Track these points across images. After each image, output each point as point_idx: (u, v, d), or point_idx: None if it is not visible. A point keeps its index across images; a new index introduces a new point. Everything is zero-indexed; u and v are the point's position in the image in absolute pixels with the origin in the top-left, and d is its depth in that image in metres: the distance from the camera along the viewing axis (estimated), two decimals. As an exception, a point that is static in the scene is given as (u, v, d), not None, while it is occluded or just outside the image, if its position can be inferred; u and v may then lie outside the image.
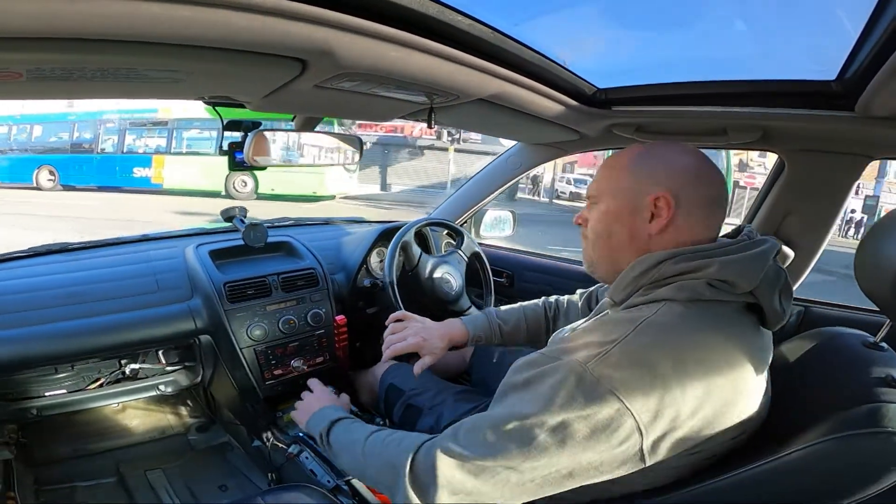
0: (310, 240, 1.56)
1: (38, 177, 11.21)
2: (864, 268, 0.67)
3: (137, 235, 1.54)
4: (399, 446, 0.73)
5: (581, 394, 0.59)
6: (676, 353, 0.60)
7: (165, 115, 10.80)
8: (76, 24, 0.44)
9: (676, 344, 0.61)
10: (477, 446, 0.64)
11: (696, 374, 0.59)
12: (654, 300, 0.66)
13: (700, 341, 0.62)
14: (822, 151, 1.04)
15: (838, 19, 0.72)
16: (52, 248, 1.39)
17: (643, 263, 0.68)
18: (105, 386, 1.39)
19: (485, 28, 0.70)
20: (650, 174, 0.71)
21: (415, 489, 0.67)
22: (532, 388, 0.63)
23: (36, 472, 1.46)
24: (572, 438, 0.58)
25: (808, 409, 0.66)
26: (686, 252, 0.66)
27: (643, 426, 0.57)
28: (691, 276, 0.65)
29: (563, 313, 1.18)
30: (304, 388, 1.41)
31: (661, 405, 0.58)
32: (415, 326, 1.12)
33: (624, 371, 0.59)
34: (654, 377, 0.58)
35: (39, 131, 11.45)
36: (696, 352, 0.61)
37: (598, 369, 0.59)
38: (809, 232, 1.12)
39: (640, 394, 0.57)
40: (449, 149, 15.65)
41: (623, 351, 0.60)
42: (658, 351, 0.60)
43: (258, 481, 1.50)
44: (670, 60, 0.98)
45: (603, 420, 0.57)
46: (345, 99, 0.86)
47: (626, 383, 0.58)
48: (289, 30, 0.53)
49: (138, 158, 10.97)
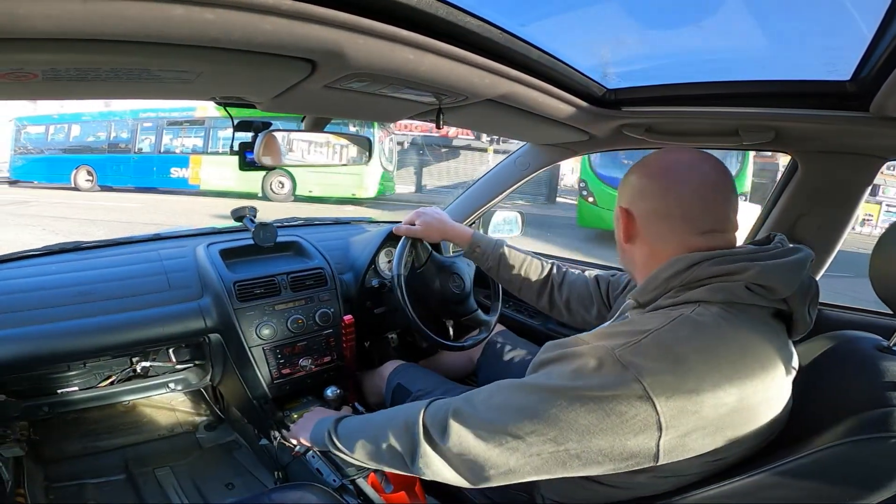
0: (319, 239, 1.57)
1: (77, 177, 11.18)
2: (879, 271, 0.67)
3: (149, 234, 1.56)
4: (410, 408, 0.75)
5: (604, 376, 0.57)
6: (711, 351, 0.58)
7: (202, 113, 10.44)
8: (91, 25, 0.44)
9: (712, 342, 0.59)
10: (489, 411, 0.65)
11: (729, 375, 0.58)
12: (687, 301, 0.65)
13: (736, 342, 0.61)
14: (837, 152, 1.02)
15: (852, 19, 0.71)
16: (65, 247, 1.41)
17: (676, 265, 0.67)
18: (116, 384, 1.40)
19: (494, 29, 0.70)
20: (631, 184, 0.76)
21: (428, 443, 0.69)
22: (555, 364, 0.63)
23: (46, 468, 1.48)
24: (586, 418, 0.57)
25: (820, 413, 0.65)
26: (725, 254, 0.65)
27: (664, 421, 0.55)
28: (729, 278, 0.63)
29: (568, 284, 1.18)
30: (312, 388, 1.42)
31: (688, 403, 0.56)
32: (425, 217, 1.33)
33: (653, 361, 0.57)
34: (685, 372, 0.57)
35: (77, 131, 11.42)
36: (730, 353, 0.59)
37: (626, 356, 0.58)
38: (823, 234, 1.10)
39: (667, 387, 0.56)
40: (488, 149, 15.11)
41: (655, 341, 0.59)
42: (692, 346, 0.58)
43: (265, 480, 1.51)
44: (682, 60, 0.97)
45: (622, 406, 0.56)
46: (354, 99, 0.86)
47: (653, 373, 0.56)
48: (298, 31, 0.53)
49: (175, 159, 10.69)
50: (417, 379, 1.33)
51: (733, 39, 0.87)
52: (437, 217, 1.33)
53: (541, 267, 1.22)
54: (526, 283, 1.22)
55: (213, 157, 10.44)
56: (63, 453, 1.55)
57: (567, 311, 1.17)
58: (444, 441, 0.67)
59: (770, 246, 0.68)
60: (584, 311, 1.14)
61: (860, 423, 0.59)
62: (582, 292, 1.15)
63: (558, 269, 1.22)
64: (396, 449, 0.74)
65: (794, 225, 1.13)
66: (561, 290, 1.18)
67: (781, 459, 0.60)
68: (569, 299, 1.17)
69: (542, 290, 1.21)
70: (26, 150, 11.70)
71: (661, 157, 0.74)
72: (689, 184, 0.69)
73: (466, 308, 1.46)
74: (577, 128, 1.18)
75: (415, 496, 1.12)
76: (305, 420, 1.08)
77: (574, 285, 1.17)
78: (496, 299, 1.53)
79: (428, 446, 0.69)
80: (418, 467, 0.70)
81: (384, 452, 0.76)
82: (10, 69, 0.54)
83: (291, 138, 1.09)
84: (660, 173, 0.72)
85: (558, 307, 1.19)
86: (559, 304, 1.18)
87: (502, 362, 1.42)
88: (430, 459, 0.69)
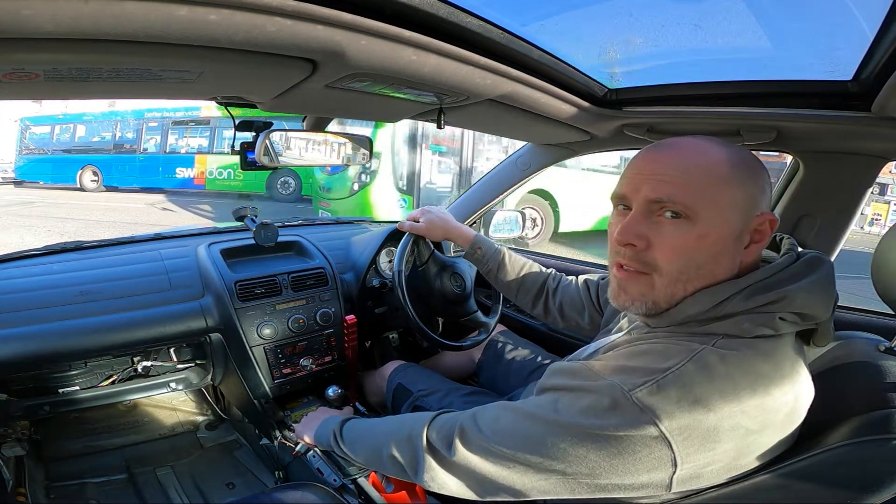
0: (320, 239, 1.57)
1: (82, 177, 11.12)
2: (881, 271, 0.67)
3: (150, 234, 1.56)
4: (415, 419, 0.74)
5: (619, 417, 0.53)
6: (734, 389, 0.54)
7: (207, 113, 10.26)
8: (94, 25, 0.44)
9: (736, 378, 0.54)
10: (495, 435, 0.63)
11: (752, 409, 0.54)
12: (711, 333, 0.59)
13: (763, 376, 0.55)
14: (838, 153, 1.02)
15: (854, 19, 0.71)
16: (67, 247, 1.41)
17: (709, 299, 0.59)
18: (117, 383, 1.40)
19: (495, 29, 0.70)
20: (762, 187, 0.61)
21: (433, 457, 0.68)
22: (565, 395, 0.59)
23: (47, 468, 1.48)
24: (597, 454, 0.55)
25: (821, 415, 0.65)
26: (758, 284, 0.58)
27: (679, 458, 0.52)
28: (761, 310, 0.57)
29: (561, 290, 1.18)
30: (312, 388, 1.42)
31: (706, 441, 0.52)
32: (429, 215, 1.33)
33: (673, 404, 0.52)
34: (705, 412, 0.52)
35: (83, 131, 11.37)
36: (756, 386, 0.54)
37: (643, 397, 0.53)
38: (825, 234, 1.10)
39: (684, 428, 0.52)
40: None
41: (675, 382, 0.54)
42: (715, 385, 0.53)
43: (265, 479, 1.51)
44: (683, 60, 0.97)
45: (636, 446, 0.53)
46: (355, 99, 0.86)
47: (671, 416, 0.52)
48: (301, 31, 0.53)
49: (181, 158, 10.57)
50: (418, 379, 1.33)
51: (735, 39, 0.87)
52: (440, 216, 1.33)
53: (538, 275, 1.22)
54: (523, 289, 1.22)
55: (218, 157, 10.37)
56: (64, 453, 1.56)
57: (561, 316, 1.17)
58: (449, 458, 0.66)
59: (785, 259, 0.62)
60: (577, 316, 1.13)
61: (861, 424, 0.58)
62: (574, 297, 1.15)
63: (554, 276, 1.22)
64: (399, 460, 0.74)
65: (795, 225, 1.13)
66: (555, 296, 1.18)
67: (783, 461, 0.59)
68: (562, 305, 1.16)
69: (537, 298, 1.20)
70: (31, 150, 11.67)
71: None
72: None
73: (466, 308, 1.46)
74: (579, 128, 1.18)
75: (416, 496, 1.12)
76: (310, 419, 1.08)
77: (566, 291, 1.17)
78: (496, 301, 1.53)
79: (433, 461, 0.68)
80: (423, 480, 0.70)
81: (387, 461, 0.76)
82: (12, 69, 0.54)
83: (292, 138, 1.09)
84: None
85: (553, 314, 1.18)
86: (553, 311, 1.18)
87: (503, 362, 1.41)
88: (435, 474, 0.68)
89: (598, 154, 1.19)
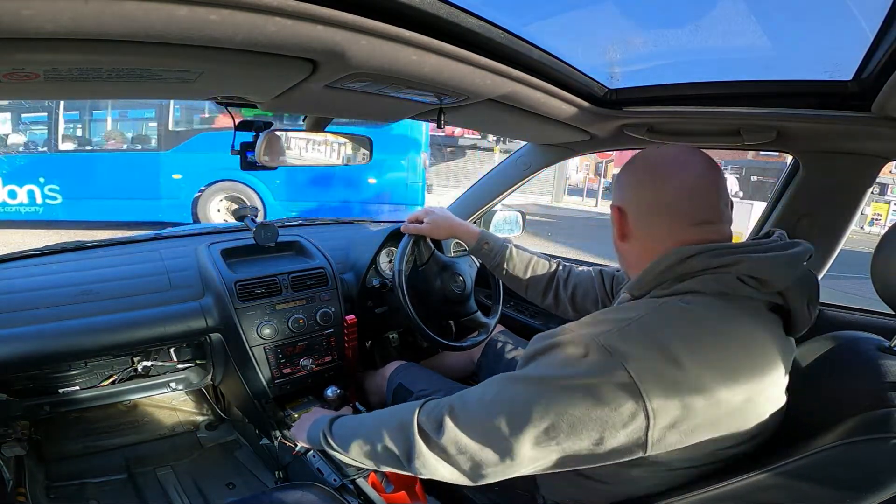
0: (320, 239, 1.57)
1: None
2: (881, 271, 0.67)
3: (150, 234, 1.56)
4: (405, 408, 0.75)
5: (590, 363, 0.58)
6: (697, 339, 0.59)
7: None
8: (94, 25, 0.44)
9: (698, 330, 0.60)
10: (482, 406, 0.65)
11: (715, 363, 0.58)
12: (677, 292, 0.65)
13: (724, 332, 0.61)
14: (838, 153, 1.02)
15: (854, 19, 0.71)
16: (67, 247, 1.41)
17: (669, 258, 0.66)
18: (117, 383, 1.40)
19: (495, 29, 0.70)
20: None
21: (424, 441, 0.69)
22: (544, 355, 0.64)
23: (47, 468, 1.48)
24: (576, 408, 0.57)
25: (821, 414, 0.65)
26: (719, 247, 0.65)
27: (651, 409, 0.55)
28: (722, 270, 0.63)
29: (573, 278, 1.19)
30: (312, 388, 1.42)
31: (674, 391, 0.56)
32: (433, 215, 1.33)
33: (638, 348, 0.57)
34: (669, 360, 0.56)
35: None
36: (718, 342, 0.59)
37: (610, 342, 0.58)
38: (825, 234, 1.10)
39: (652, 374, 0.56)
40: (494, 149, 14.79)
41: (639, 328, 0.59)
42: (677, 333, 0.59)
43: (265, 479, 1.51)
44: (683, 60, 0.97)
45: (609, 394, 0.56)
46: (355, 99, 0.86)
47: (638, 359, 0.56)
48: (301, 31, 0.53)
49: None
50: (419, 379, 1.33)
51: (735, 39, 0.87)
52: (444, 215, 1.35)
53: (547, 265, 1.23)
54: (531, 281, 1.22)
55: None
56: (64, 453, 1.56)
57: (572, 306, 1.17)
58: (439, 439, 0.67)
59: (768, 240, 0.68)
60: (590, 305, 1.15)
61: (861, 423, 0.58)
62: (587, 287, 1.16)
63: (563, 266, 1.23)
64: (392, 449, 0.74)
65: (795, 225, 1.13)
66: (566, 285, 1.19)
67: (782, 460, 0.59)
68: (574, 294, 1.17)
69: (547, 288, 1.21)
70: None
71: (649, 154, 0.75)
72: (676, 177, 0.69)
73: (467, 309, 1.46)
74: (579, 128, 1.18)
75: (415, 496, 1.12)
76: (303, 420, 1.08)
77: (579, 279, 1.18)
78: (497, 301, 1.53)
79: (424, 446, 0.69)
80: (415, 467, 0.70)
81: (380, 453, 0.76)
82: (12, 69, 0.54)
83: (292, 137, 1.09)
84: (648, 170, 0.73)
85: (563, 303, 1.19)
86: (564, 300, 1.18)
87: (503, 362, 1.42)
88: (426, 459, 0.69)
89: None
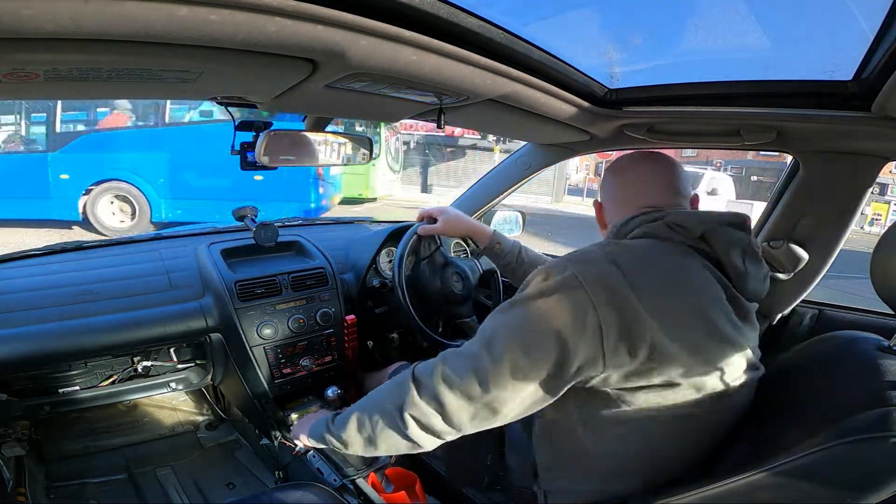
0: (320, 239, 1.57)
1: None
2: (880, 271, 0.67)
3: (150, 234, 1.56)
4: (402, 375, 0.81)
5: (551, 280, 0.70)
6: (632, 268, 0.69)
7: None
8: (94, 25, 0.44)
9: (634, 252, 0.73)
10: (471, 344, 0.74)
11: (653, 278, 0.69)
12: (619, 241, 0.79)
13: (657, 256, 0.73)
14: (838, 153, 1.02)
15: (854, 19, 0.71)
16: (67, 247, 1.41)
17: (618, 223, 0.83)
18: (117, 383, 1.40)
19: (495, 29, 0.70)
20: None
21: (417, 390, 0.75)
22: (517, 294, 0.75)
23: (47, 468, 1.48)
24: (542, 318, 0.68)
25: (820, 413, 0.65)
26: (653, 212, 0.80)
27: (603, 322, 0.64)
28: (655, 222, 0.77)
29: None
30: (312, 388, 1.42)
31: (618, 309, 0.65)
32: (446, 215, 1.36)
33: (583, 264, 0.70)
34: (611, 278, 0.67)
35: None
36: (650, 260, 0.72)
37: (562, 262, 0.72)
38: (825, 234, 1.10)
39: (599, 286, 0.66)
40: (494, 149, 14.76)
41: (585, 254, 0.73)
42: (616, 259, 0.70)
43: (265, 479, 1.51)
44: (683, 60, 0.97)
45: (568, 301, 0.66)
46: (355, 99, 0.86)
47: (585, 273, 0.68)
48: (300, 31, 0.53)
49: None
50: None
51: (735, 39, 0.87)
52: (456, 214, 1.38)
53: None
54: None
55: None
56: (64, 453, 1.56)
57: None
58: (430, 381, 0.74)
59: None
60: None
61: (860, 422, 0.58)
62: None
63: None
64: (387, 408, 0.78)
65: (795, 225, 1.13)
66: None
67: (780, 459, 0.60)
68: None
69: None
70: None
71: (619, 158, 0.93)
72: (632, 171, 0.89)
73: (466, 310, 1.46)
74: (579, 128, 1.18)
75: (415, 496, 1.12)
76: (305, 419, 1.08)
77: None
78: (497, 301, 1.53)
79: (416, 394, 0.74)
80: (406, 420, 0.75)
81: (377, 421, 0.80)
82: (12, 69, 0.54)
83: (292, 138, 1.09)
84: (613, 171, 0.92)
85: None
86: None
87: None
88: (417, 406, 0.74)
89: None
